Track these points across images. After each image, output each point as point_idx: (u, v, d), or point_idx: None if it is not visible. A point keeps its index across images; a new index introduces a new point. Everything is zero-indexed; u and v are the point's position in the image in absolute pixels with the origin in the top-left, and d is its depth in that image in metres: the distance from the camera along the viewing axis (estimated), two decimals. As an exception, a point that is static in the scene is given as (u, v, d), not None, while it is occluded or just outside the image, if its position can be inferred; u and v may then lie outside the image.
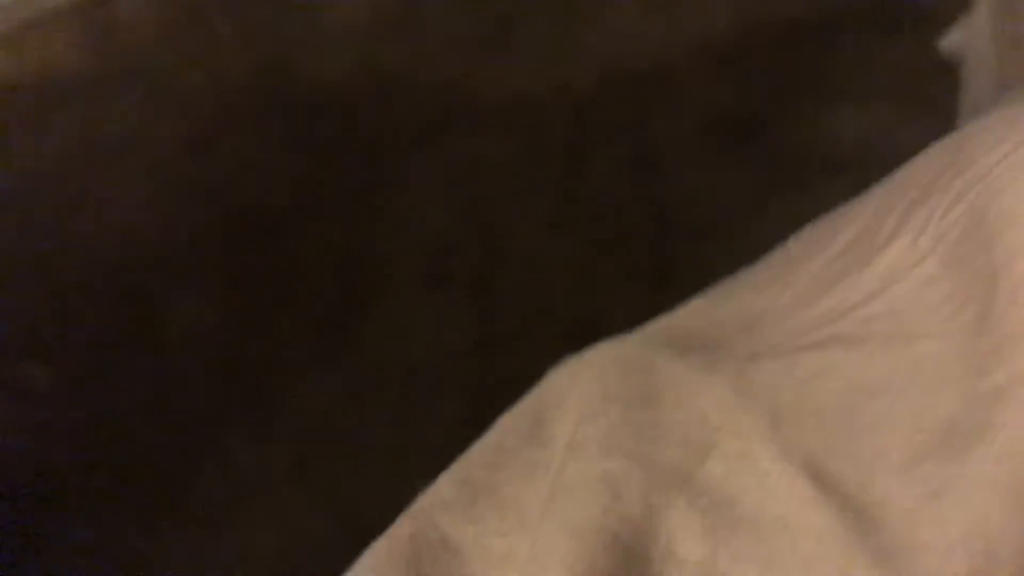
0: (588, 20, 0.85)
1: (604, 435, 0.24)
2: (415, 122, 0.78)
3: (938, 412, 0.21)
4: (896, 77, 0.79)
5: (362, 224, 0.71)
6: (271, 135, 0.79)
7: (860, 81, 0.79)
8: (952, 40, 0.70)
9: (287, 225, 0.72)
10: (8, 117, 0.63)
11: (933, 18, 0.79)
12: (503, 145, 0.76)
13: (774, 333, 0.27)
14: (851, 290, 0.26)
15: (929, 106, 0.75)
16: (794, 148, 0.75)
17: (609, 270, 0.68)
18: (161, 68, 0.84)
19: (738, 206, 0.71)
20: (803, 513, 0.20)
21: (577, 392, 0.28)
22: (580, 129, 0.77)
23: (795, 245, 0.36)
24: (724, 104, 0.78)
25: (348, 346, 0.63)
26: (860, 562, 0.19)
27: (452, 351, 0.62)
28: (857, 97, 0.78)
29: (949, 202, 0.24)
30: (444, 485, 0.27)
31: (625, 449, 0.23)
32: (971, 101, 0.62)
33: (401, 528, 0.26)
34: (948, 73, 0.76)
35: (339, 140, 0.78)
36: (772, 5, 0.86)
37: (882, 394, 0.21)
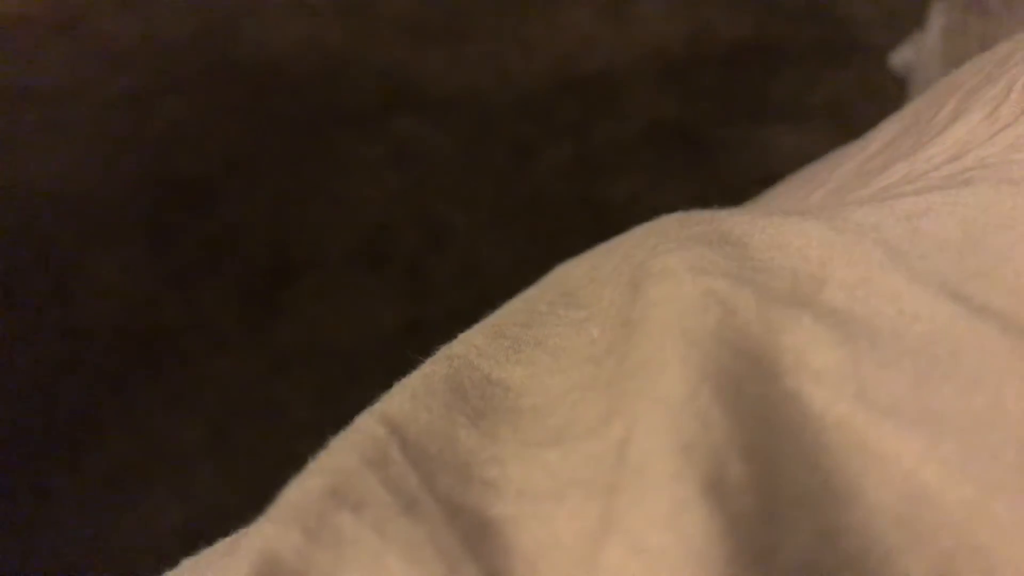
0: (540, 19, 0.86)
1: (693, 262, 0.19)
2: (360, 102, 0.77)
3: None
4: (834, 101, 0.81)
5: (298, 198, 0.70)
6: (210, 100, 0.77)
7: (800, 103, 0.82)
8: (902, 56, 0.73)
9: (220, 192, 0.70)
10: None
11: (871, 48, 0.82)
12: (448, 133, 0.76)
13: (836, 203, 0.22)
14: (916, 162, 0.22)
15: (864, 129, 0.78)
16: (732, 162, 0.77)
17: (547, 263, 0.68)
18: (100, 23, 0.81)
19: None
20: (957, 331, 0.16)
21: (618, 256, 0.23)
22: (525, 125, 0.77)
23: (810, 169, 0.31)
24: (667, 115, 0.80)
25: (275, 320, 0.61)
26: None
27: (383, 332, 0.61)
28: (796, 118, 0.80)
29: None
30: (475, 337, 0.22)
31: (725, 271, 0.18)
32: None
33: (434, 367, 0.21)
34: (884, 99, 0.79)
35: (280, 111, 0.76)
36: (722, 25, 0.89)
37: (1011, 226, 0.18)
